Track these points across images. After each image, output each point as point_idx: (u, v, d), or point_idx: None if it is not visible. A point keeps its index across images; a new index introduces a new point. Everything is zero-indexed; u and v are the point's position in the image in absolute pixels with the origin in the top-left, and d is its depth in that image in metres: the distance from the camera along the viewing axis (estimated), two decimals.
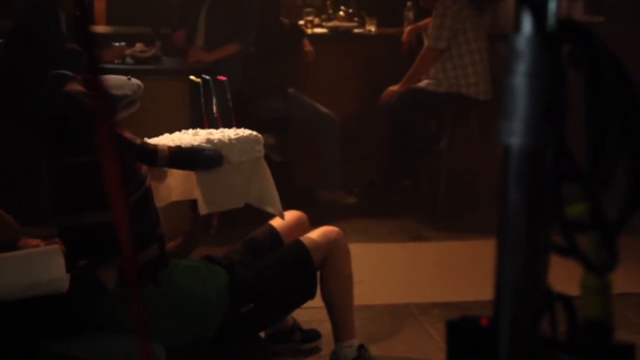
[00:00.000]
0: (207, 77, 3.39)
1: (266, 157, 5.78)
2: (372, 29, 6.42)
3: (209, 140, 3.05)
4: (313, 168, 5.82)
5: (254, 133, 3.22)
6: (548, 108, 0.88)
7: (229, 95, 3.48)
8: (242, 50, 5.46)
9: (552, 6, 0.88)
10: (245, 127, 5.60)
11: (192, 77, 3.53)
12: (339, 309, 3.29)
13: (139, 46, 5.31)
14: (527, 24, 0.89)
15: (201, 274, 2.88)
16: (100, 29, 6.09)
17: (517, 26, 0.90)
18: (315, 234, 3.22)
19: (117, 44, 5.23)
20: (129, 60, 5.15)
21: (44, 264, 2.06)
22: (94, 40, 1.05)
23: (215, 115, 3.35)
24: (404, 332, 3.85)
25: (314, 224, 5.25)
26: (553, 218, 0.90)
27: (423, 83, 5.78)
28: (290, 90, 5.79)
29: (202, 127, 3.30)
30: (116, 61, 5.09)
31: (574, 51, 0.90)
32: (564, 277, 1.02)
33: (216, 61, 5.38)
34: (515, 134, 0.89)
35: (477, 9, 5.79)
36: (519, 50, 0.89)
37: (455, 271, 4.58)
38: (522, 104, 0.89)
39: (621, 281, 1.15)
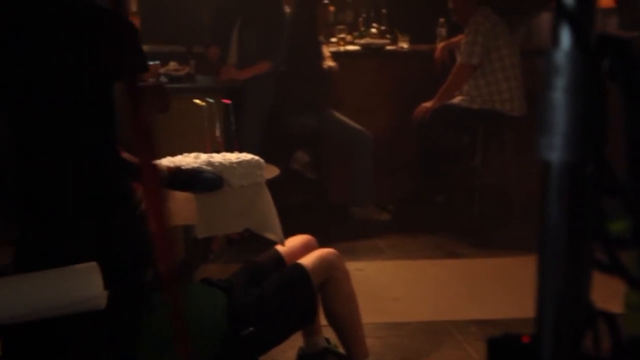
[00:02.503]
0: (211, 100, 3.39)
1: (300, 174, 5.86)
2: (405, 45, 6.42)
3: (209, 163, 3.02)
4: (346, 185, 5.81)
5: (256, 158, 3.19)
6: (588, 122, 0.87)
7: (232, 119, 3.47)
8: (274, 67, 5.48)
9: (590, 20, 0.88)
10: (279, 144, 5.65)
11: (196, 101, 3.51)
12: (348, 330, 3.24)
13: (172, 65, 5.36)
14: (565, 39, 0.88)
15: (197, 297, 2.84)
16: None
17: (555, 41, 0.89)
18: (312, 256, 3.17)
19: (151, 62, 5.27)
20: (163, 78, 5.19)
21: (81, 281, 2.07)
22: None
23: (218, 139, 3.34)
24: (441, 350, 3.82)
25: (348, 240, 5.28)
26: (594, 234, 0.89)
27: (456, 99, 5.77)
28: (323, 107, 5.79)
29: (218, 150, 3.29)
30: (150, 79, 5.13)
31: (613, 65, 0.90)
32: (607, 294, 1.01)
33: (249, 79, 5.42)
34: (554, 149, 0.89)
35: (510, 25, 5.77)
36: (557, 64, 0.89)
37: (490, 288, 4.54)
38: (561, 119, 0.88)
39: None
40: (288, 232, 3.39)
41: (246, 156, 3.18)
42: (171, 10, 6.49)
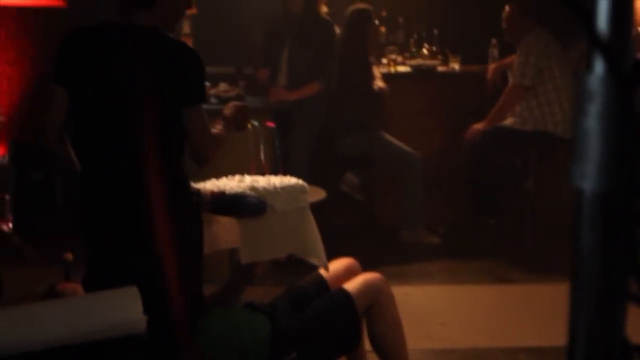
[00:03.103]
0: (257, 123, 3.39)
1: (349, 195, 5.84)
2: (456, 66, 6.37)
3: (253, 188, 3.02)
4: (396, 207, 5.77)
5: (300, 182, 3.18)
6: (621, 150, 0.84)
7: (276, 142, 3.48)
8: (324, 88, 5.48)
9: (624, 46, 0.85)
10: (328, 165, 5.63)
11: None
12: (393, 356, 3.17)
13: (222, 86, 5.39)
14: (599, 64, 0.86)
15: (240, 322, 2.85)
16: None
17: (589, 65, 0.87)
18: (357, 281, 3.14)
19: None
20: (213, 100, 5.22)
21: (120, 305, 2.07)
22: None
23: (263, 161, 3.35)
24: None
25: (397, 263, 5.23)
26: (628, 266, 0.86)
27: (508, 121, 5.70)
28: (373, 128, 5.76)
29: (262, 174, 3.30)
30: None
31: None
32: None
33: (298, 100, 5.42)
34: (587, 177, 0.86)
35: (563, 44, 5.70)
36: (591, 90, 0.86)
37: (542, 315, 4.46)
38: (594, 146, 0.86)
39: None
40: (337, 254, 3.37)
41: (290, 180, 3.18)
42: (223, 32, 6.54)
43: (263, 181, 3.13)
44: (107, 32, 2.73)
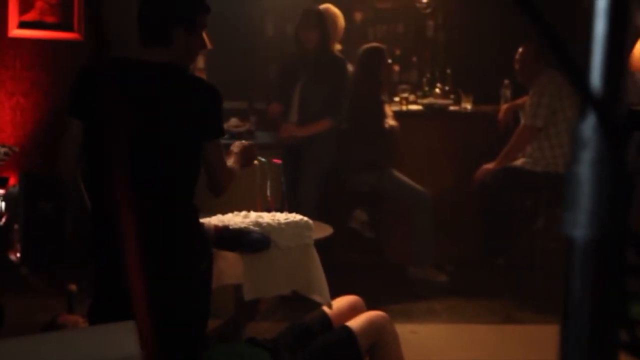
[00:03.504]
0: (264, 159, 3.42)
1: (358, 232, 5.83)
2: (468, 106, 6.38)
3: (257, 224, 3.03)
4: (404, 244, 5.76)
5: (305, 219, 3.19)
6: (613, 198, 0.84)
7: (283, 179, 3.49)
8: (335, 125, 5.50)
9: (618, 98, 0.85)
10: (338, 202, 5.62)
11: None
12: None
13: (233, 121, 5.41)
14: (592, 113, 0.86)
15: (242, 358, 2.84)
16: None
17: (582, 113, 0.87)
18: (361, 319, 3.14)
19: None
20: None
21: (116, 340, 2.06)
22: None
23: (269, 198, 3.36)
24: None
25: (404, 300, 5.20)
26: (618, 314, 0.86)
27: (519, 162, 5.70)
28: (384, 166, 5.77)
29: (268, 210, 3.31)
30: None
31: None
32: None
33: (309, 136, 5.43)
34: (578, 225, 0.86)
35: None
36: (584, 137, 0.86)
37: (549, 356, 4.40)
38: (585, 193, 0.86)
39: None
40: (345, 291, 3.37)
41: (295, 217, 3.18)
42: (236, 67, 6.58)
43: (268, 217, 3.14)
44: (123, 68, 2.75)
